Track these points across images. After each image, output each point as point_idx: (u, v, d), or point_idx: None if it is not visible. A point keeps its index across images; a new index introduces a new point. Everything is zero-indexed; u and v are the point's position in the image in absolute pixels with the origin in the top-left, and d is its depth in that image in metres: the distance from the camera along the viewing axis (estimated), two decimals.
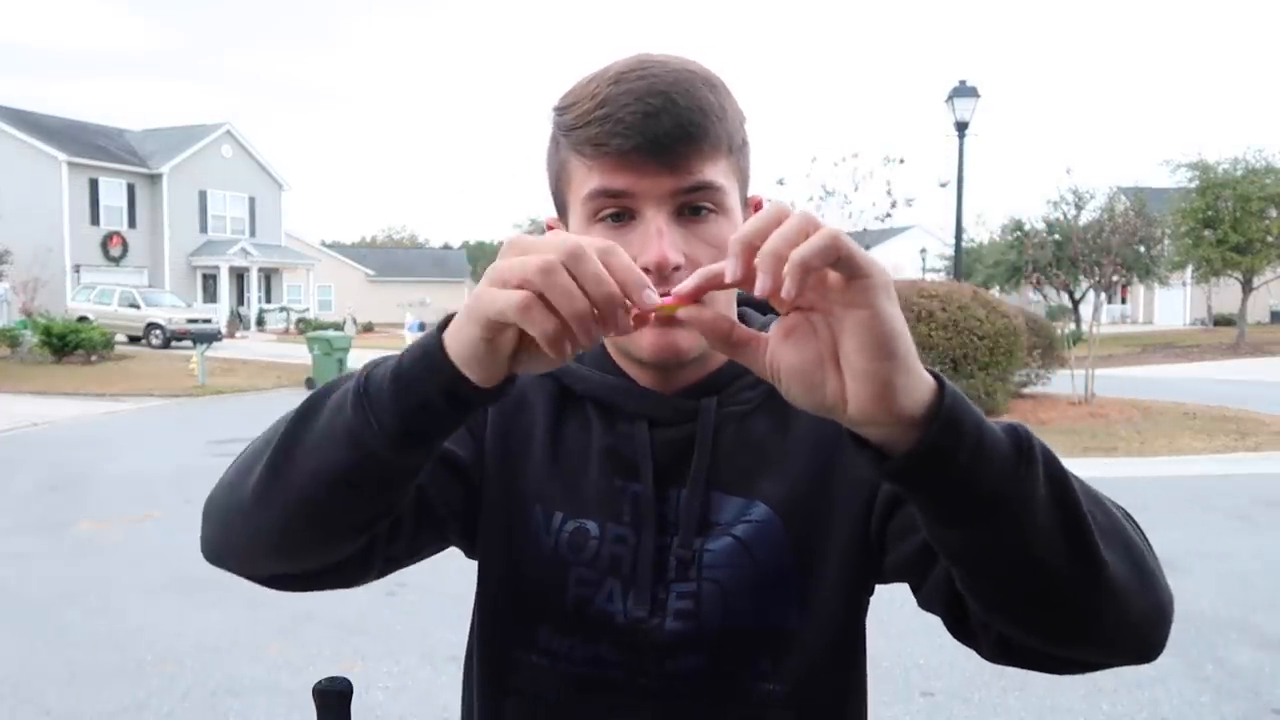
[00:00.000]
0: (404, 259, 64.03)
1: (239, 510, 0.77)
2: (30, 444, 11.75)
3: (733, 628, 0.87)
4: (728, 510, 0.88)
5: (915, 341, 0.60)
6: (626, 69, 0.80)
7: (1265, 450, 9.90)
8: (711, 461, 0.89)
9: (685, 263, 0.79)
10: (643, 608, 0.87)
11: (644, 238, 0.80)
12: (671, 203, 0.81)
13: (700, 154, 0.80)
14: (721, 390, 0.91)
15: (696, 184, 0.80)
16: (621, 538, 0.89)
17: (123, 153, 37.71)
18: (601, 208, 0.82)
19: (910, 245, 51.48)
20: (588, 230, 0.83)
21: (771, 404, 0.90)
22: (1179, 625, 0.73)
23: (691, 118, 0.79)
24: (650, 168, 0.79)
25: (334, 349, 18.47)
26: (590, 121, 0.79)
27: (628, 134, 0.78)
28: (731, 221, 0.83)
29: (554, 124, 0.85)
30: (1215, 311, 41.64)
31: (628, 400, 0.90)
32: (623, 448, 0.90)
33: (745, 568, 0.87)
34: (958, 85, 15.58)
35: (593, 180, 0.81)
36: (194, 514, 0.86)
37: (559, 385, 0.94)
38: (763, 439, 0.90)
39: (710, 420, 0.89)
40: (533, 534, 0.91)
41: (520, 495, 0.92)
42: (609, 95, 0.79)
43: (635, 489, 0.89)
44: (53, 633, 4.80)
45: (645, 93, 0.78)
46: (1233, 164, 29.74)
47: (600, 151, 0.80)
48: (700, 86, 0.80)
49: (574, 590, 0.89)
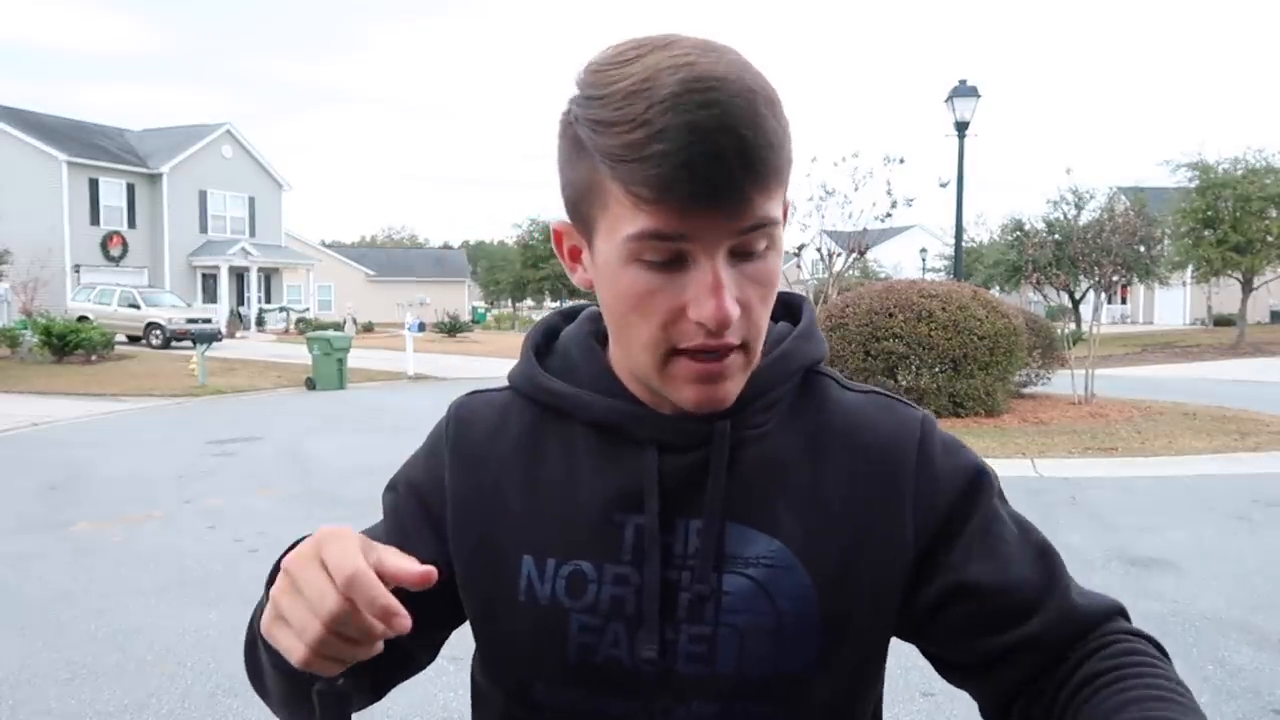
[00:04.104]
0: (404, 259, 64.05)
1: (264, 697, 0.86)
2: (30, 444, 11.75)
3: (748, 676, 0.81)
4: (746, 545, 0.81)
5: (915, 341, 0.59)
6: (681, 87, 0.68)
7: (1265, 450, 9.89)
8: (730, 491, 0.81)
9: (740, 310, 0.74)
10: (651, 649, 0.81)
11: (701, 287, 0.72)
12: (728, 244, 0.72)
13: (765, 192, 0.71)
14: (739, 411, 0.81)
15: (755, 223, 0.72)
16: (622, 577, 0.82)
17: (123, 152, 37.71)
18: (646, 250, 0.72)
19: (910, 245, 51.48)
20: (624, 269, 0.74)
21: (795, 424, 0.84)
22: (1179, 625, 0.74)
23: (762, 156, 0.69)
24: (712, 214, 0.70)
25: (334, 349, 18.51)
26: (646, 158, 0.68)
27: (695, 181, 0.68)
28: (779, 251, 0.76)
29: (585, 129, 0.72)
30: (1215, 311, 41.63)
31: (636, 425, 0.82)
32: (625, 477, 0.82)
33: (766, 615, 0.80)
34: (958, 85, 15.58)
35: (639, 221, 0.71)
36: (194, 514, 0.86)
37: (538, 410, 0.87)
38: (785, 465, 0.83)
39: (725, 444, 0.81)
40: (527, 586, 0.84)
41: (503, 549, 0.85)
42: (667, 126, 0.67)
43: (637, 522, 0.82)
44: (53, 633, 4.80)
45: (712, 128, 0.67)
46: (1233, 164, 29.75)
47: (657, 195, 0.69)
48: (764, 111, 0.70)
49: (576, 639, 0.82)
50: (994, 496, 0.85)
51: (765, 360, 0.83)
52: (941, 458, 0.84)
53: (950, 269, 35.61)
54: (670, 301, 0.73)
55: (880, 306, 11.70)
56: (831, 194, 14.42)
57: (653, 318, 0.74)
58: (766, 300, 0.77)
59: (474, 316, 54.62)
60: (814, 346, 0.88)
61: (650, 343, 0.75)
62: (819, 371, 0.89)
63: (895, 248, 48.18)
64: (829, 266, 15.45)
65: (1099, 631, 0.81)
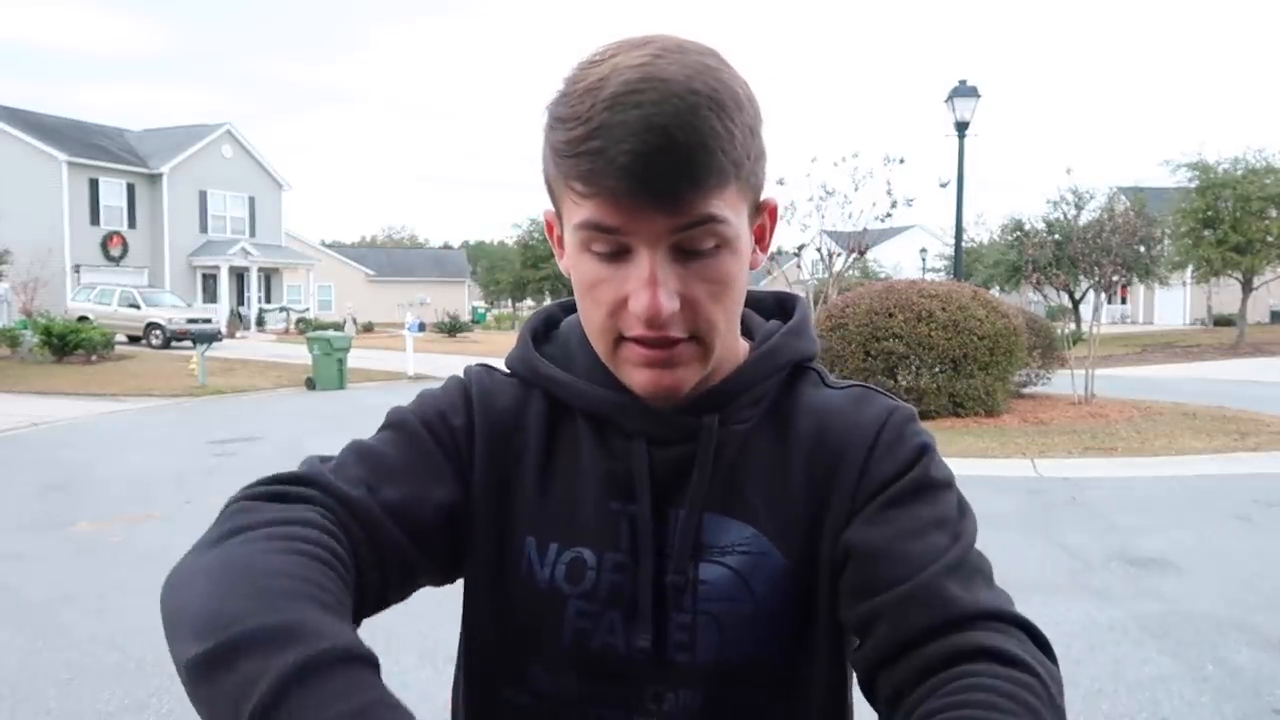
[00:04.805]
0: (404, 259, 64.03)
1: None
2: (30, 444, 11.76)
3: (730, 662, 0.83)
4: (721, 533, 0.83)
5: (915, 341, 0.58)
6: (625, 87, 0.71)
7: (1265, 450, 9.88)
8: (711, 483, 0.83)
9: (682, 303, 0.75)
10: (645, 638, 0.83)
11: (637, 280, 0.75)
12: (668, 240, 0.74)
13: (702, 191, 0.72)
14: (724, 407, 0.85)
15: (695, 220, 0.73)
16: (621, 565, 0.83)
17: (123, 152, 37.71)
18: (592, 240, 0.76)
19: (910, 245, 51.45)
20: (579, 257, 0.78)
21: (771, 419, 0.87)
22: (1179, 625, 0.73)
23: (693, 156, 0.71)
24: (645, 209, 0.72)
25: (334, 349, 18.53)
26: (581, 154, 0.72)
27: (620, 175, 0.71)
28: (734, 250, 0.77)
29: (546, 124, 0.77)
30: (1215, 311, 41.62)
31: (626, 417, 0.84)
32: (619, 468, 0.84)
33: (744, 602, 0.82)
34: (958, 85, 15.58)
35: (582, 212, 0.75)
36: (194, 514, 0.86)
37: (550, 401, 0.89)
38: (764, 459, 0.85)
39: (712, 439, 0.83)
40: (527, 567, 0.85)
41: (512, 526, 0.86)
42: (603, 124, 0.70)
43: (633, 511, 0.84)
44: (53, 633, 4.80)
45: (642, 127, 0.70)
46: (1233, 164, 29.73)
47: (590, 190, 0.73)
48: (706, 112, 0.71)
49: (573, 625, 0.84)
50: (931, 475, 0.82)
51: (752, 356, 0.86)
52: (894, 441, 0.83)
53: (950, 269, 35.60)
54: (615, 292, 0.76)
55: (880, 306, 11.71)
56: (831, 194, 14.42)
57: (602, 306, 0.78)
58: (719, 297, 0.78)
59: (474, 317, 54.68)
60: (803, 343, 0.90)
61: (601, 328, 0.79)
62: (808, 368, 0.91)
63: (895, 248, 48.16)
64: (829, 266, 15.45)
65: (966, 634, 0.71)
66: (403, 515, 0.80)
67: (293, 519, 0.73)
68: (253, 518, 0.73)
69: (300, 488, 0.78)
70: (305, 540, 0.71)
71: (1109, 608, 4.97)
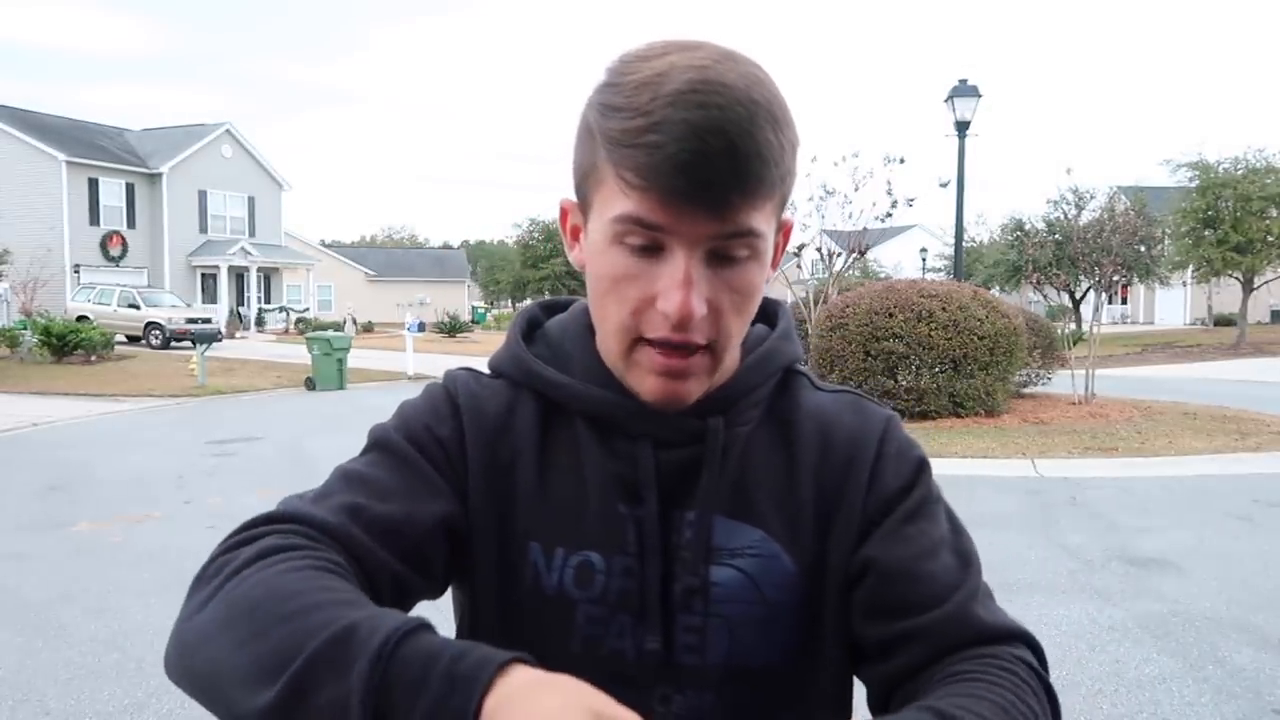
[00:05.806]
0: (404, 259, 64.02)
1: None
2: (30, 444, 11.76)
3: (739, 665, 0.83)
4: (731, 536, 0.84)
5: (915, 341, 0.59)
6: (687, 86, 0.70)
7: (1265, 450, 9.88)
8: (719, 485, 0.84)
9: (707, 309, 0.75)
10: (654, 640, 0.82)
11: (670, 280, 0.74)
12: (707, 244, 0.74)
13: (750, 200, 0.73)
14: (729, 409, 0.85)
15: (738, 230, 0.74)
16: (629, 569, 0.83)
17: (122, 152, 37.71)
18: (629, 234, 0.74)
19: (910, 245, 51.50)
20: (608, 249, 0.76)
21: (772, 420, 0.88)
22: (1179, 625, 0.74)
23: (750, 166, 0.71)
24: (693, 211, 0.72)
25: (334, 349, 18.52)
26: (638, 145, 0.71)
27: (677, 173, 0.70)
28: (762, 263, 0.78)
29: (594, 111, 0.75)
30: (1215, 311, 41.64)
31: (631, 419, 0.83)
32: (625, 470, 0.83)
33: (755, 604, 0.83)
34: (958, 85, 15.56)
35: (626, 204, 0.73)
36: (194, 514, 0.85)
37: (544, 402, 0.87)
38: (768, 462, 0.86)
39: (719, 441, 0.84)
40: (533, 573, 0.84)
41: (514, 533, 0.85)
42: (665, 119, 0.70)
43: (639, 514, 0.83)
44: (53, 633, 4.80)
45: (705, 128, 0.69)
46: (1233, 164, 29.75)
47: (643, 183, 0.72)
48: (764, 124, 0.72)
49: (582, 631, 0.83)
50: (931, 490, 0.87)
51: (750, 359, 0.87)
52: (896, 454, 0.87)
53: (950, 269, 35.60)
54: (643, 289, 0.76)
55: (880, 306, 11.71)
56: (831, 194, 14.38)
57: (625, 303, 0.77)
58: (741, 308, 0.78)
59: (474, 317, 54.69)
60: (792, 347, 0.92)
61: (620, 327, 0.78)
62: (796, 371, 0.93)
63: (895, 248, 48.20)
64: (829, 266, 15.44)
65: (992, 648, 0.78)
66: (393, 537, 0.78)
67: (279, 546, 0.72)
68: (238, 561, 0.71)
69: (278, 525, 0.76)
70: (297, 559, 0.70)
71: (1109, 608, 4.97)
